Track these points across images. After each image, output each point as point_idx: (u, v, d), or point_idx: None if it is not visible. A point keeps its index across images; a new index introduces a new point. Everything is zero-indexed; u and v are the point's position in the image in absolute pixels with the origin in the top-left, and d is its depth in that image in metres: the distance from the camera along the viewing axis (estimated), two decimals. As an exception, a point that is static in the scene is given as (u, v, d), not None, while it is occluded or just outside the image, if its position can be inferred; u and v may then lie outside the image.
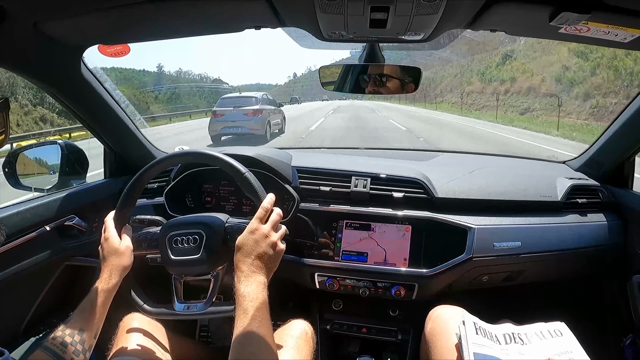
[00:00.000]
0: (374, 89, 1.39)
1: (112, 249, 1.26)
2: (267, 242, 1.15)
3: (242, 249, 1.14)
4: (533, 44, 30.72)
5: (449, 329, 1.31)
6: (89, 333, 1.13)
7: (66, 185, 1.76)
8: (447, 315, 1.38)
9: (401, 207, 1.68)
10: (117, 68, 45.95)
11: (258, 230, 1.16)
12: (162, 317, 1.35)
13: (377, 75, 1.38)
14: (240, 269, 1.12)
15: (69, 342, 1.08)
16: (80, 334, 1.10)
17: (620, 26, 1.06)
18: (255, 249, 1.13)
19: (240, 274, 1.11)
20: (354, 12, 1.02)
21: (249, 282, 1.09)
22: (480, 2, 1.00)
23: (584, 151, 1.99)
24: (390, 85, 1.39)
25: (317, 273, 1.69)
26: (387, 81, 1.38)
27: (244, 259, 1.13)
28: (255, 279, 1.10)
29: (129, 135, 1.86)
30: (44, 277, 1.62)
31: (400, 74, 1.38)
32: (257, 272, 1.12)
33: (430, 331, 1.37)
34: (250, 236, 1.15)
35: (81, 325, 1.12)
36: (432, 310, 1.45)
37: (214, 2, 1.09)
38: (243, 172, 1.27)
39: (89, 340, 1.12)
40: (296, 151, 2.07)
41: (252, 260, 1.12)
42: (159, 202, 1.80)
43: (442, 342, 1.30)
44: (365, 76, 1.38)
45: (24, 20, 1.08)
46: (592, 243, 1.70)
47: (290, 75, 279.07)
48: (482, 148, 12.59)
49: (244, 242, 1.15)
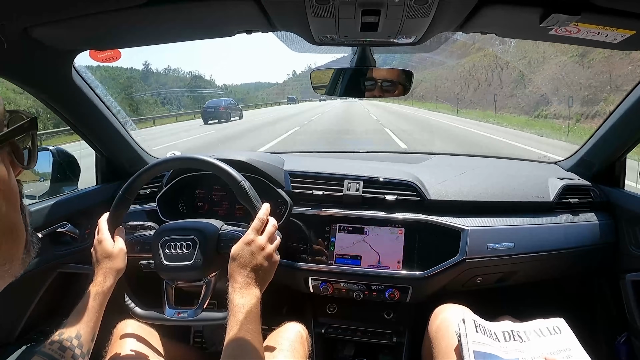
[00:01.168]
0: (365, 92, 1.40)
1: (105, 252, 1.25)
2: (263, 254, 1.15)
3: (238, 260, 1.14)
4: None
5: (451, 328, 1.31)
6: (87, 336, 1.12)
7: (58, 191, 1.75)
8: (450, 314, 1.39)
9: (394, 210, 1.69)
10: (102, 66, 44.76)
11: (254, 242, 1.15)
12: (152, 322, 1.34)
13: (368, 79, 1.38)
14: (236, 279, 1.12)
15: (67, 346, 1.06)
16: (77, 338, 1.09)
17: (610, 27, 1.07)
18: (251, 261, 1.13)
19: (235, 285, 1.11)
20: (345, 15, 1.02)
21: (244, 293, 1.10)
22: (471, 5, 1.00)
23: (575, 151, 2.00)
24: (381, 88, 1.39)
25: (311, 277, 1.69)
26: (378, 84, 1.38)
27: (240, 270, 1.13)
28: (250, 291, 1.11)
29: (120, 141, 1.85)
30: (36, 285, 1.61)
31: (392, 77, 1.39)
32: (252, 284, 1.12)
33: (434, 330, 1.37)
34: (246, 247, 1.15)
35: (78, 329, 1.11)
36: (437, 310, 1.45)
37: (205, 7, 1.08)
38: (239, 181, 1.26)
39: (86, 344, 1.11)
40: (288, 155, 2.07)
41: (247, 272, 1.13)
42: (151, 208, 1.79)
43: (444, 340, 1.30)
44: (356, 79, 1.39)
45: (14, 25, 1.07)
46: (585, 242, 1.71)
47: (289, 73, 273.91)
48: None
49: (240, 253, 1.14)
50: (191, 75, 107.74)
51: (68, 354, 1.06)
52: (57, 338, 1.08)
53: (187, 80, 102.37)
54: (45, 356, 1.04)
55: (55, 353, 1.05)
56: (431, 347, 1.34)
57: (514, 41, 30.49)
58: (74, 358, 1.07)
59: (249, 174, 1.57)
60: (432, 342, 1.35)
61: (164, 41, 1.40)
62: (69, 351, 1.06)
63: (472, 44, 38.99)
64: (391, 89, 1.39)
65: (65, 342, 1.07)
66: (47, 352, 1.04)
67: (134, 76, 72.33)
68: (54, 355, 1.04)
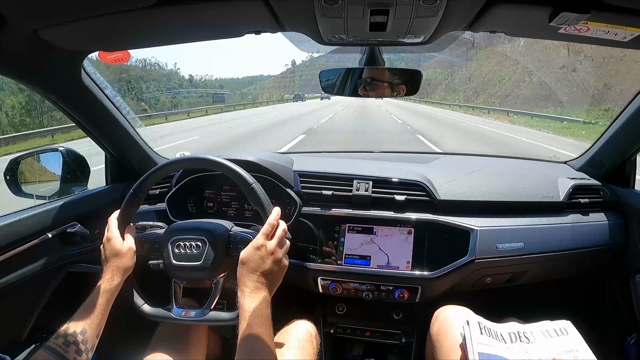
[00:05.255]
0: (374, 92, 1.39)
1: (114, 250, 1.26)
2: (273, 258, 1.16)
3: (247, 265, 1.15)
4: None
5: (454, 329, 1.31)
6: (92, 333, 1.13)
7: (68, 192, 1.76)
8: (452, 315, 1.39)
9: (403, 210, 1.68)
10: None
11: (264, 246, 1.16)
12: (159, 320, 1.36)
13: (377, 79, 1.38)
14: (245, 284, 1.13)
15: (71, 341, 1.08)
16: (82, 334, 1.11)
17: (620, 25, 1.06)
18: (261, 266, 1.14)
19: (245, 289, 1.12)
20: (354, 15, 1.02)
21: (253, 298, 1.11)
22: (480, 4, 1.00)
23: (585, 151, 1.99)
24: (390, 88, 1.39)
25: (320, 277, 1.69)
26: (387, 84, 1.38)
27: (249, 274, 1.14)
28: (260, 295, 1.12)
29: (130, 142, 1.86)
30: (46, 284, 1.62)
31: (401, 77, 1.38)
32: (262, 289, 1.13)
33: (436, 331, 1.37)
34: (256, 252, 1.15)
35: (83, 325, 1.13)
36: (437, 311, 1.45)
37: (214, 8, 1.08)
38: (251, 183, 1.27)
39: (91, 340, 1.13)
40: (297, 155, 2.07)
41: (257, 277, 1.14)
42: (160, 208, 1.80)
43: (447, 342, 1.30)
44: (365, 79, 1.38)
45: (24, 27, 1.07)
46: (595, 242, 1.70)
47: (287, 64, 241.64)
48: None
49: (250, 257, 1.15)
50: (190, 77, 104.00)
51: (72, 349, 1.08)
52: (63, 333, 1.09)
53: (183, 80, 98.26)
54: (50, 351, 1.05)
55: (59, 347, 1.06)
56: (434, 349, 1.34)
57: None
58: (77, 353, 1.08)
59: (258, 174, 1.57)
60: (434, 344, 1.36)
61: (172, 42, 1.41)
62: (73, 346, 1.08)
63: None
64: (400, 89, 1.39)
65: (70, 337, 1.09)
66: (51, 347, 1.06)
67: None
68: (58, 349, 1.06)
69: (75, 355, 1.08)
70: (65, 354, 1.06)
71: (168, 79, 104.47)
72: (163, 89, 70.60)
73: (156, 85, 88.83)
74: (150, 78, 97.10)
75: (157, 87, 74.16)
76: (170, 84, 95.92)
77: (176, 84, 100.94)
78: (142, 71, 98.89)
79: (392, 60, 1.66)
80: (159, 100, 54.14)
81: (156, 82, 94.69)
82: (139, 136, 1.90)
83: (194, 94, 70.87)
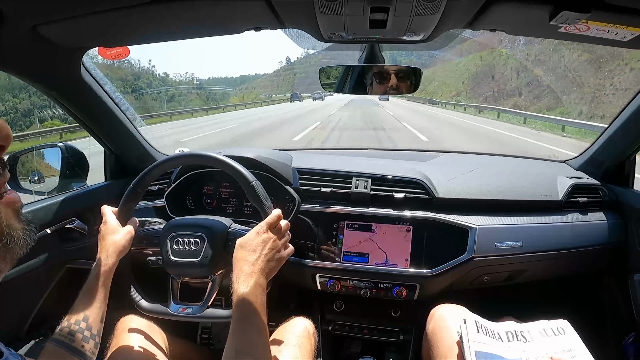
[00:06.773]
0: (373, 89, 1.39)
1: (109, 229, 1.25)
2: (272, 245, 1.14)
3: (245, 248, 1.12)
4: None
5: (450, 328, 1.31)
6: (95, 317, 1.12)
7: (67, 188, 1.76)
8: (448, 314, 1.39)
9: (402, 208, 1.68)
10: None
11: (266, 233, 1.15)
12: (156, 316, 1.35)
13: (377, 76, 1.38)
14: (242, 268, 1.09)
15: (76, 330, 1.07)
16: (85, 320, 1.10)
17: (620, 25, 1.06)
18: (260, 251, 1.12)
19: (240, 273, 1.09)
20: (354, 12, 1.01)
21: (249, 283, 1.07)
22: (480, 2, 1.00)
23: (585, 150, 1.99)
24: (390, 86, 1.39)
25: (319, 274, 1.69)
26: (387, 82, 1.38)
27: (247, 257, 1.11)
28: (255, 280, 1.08)
29: (129, 138, 1.87)
30: (45, 280, 1.62)
31: (401, 74, 1.38)
32: (258, 273, 1.09)
33: (431, 330, 1.37)
34: (257, 237, 1.14)
35: (85, 312, 1.11)
36: (433, 309, 1.45)
37: (214, 5, 1.08)
38: (250, 181, 1.27)
39: (95, 325, 1.11)
40: (296, 152, 2.07)
41: (254, 260, 1.10)
42: (159, 204, 1.80)
43: (443, 341, 1.30)
44: (365, 77, 1.38)
45: (23, 23, 1.07)
46: (593, 242, 1.70)
47: (282, 61, 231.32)
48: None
49: (250, 241, 1.13)
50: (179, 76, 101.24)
51: (78, 337, 1.06)
52: (66, 324, 1.08)
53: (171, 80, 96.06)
54: (57, 343, 1.04)
55: (65, 338, 1.05)
56: (430, 347, 1.34)
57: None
58: (84, 340, 1.07)
59: (257, 171, 1.57)
60: (430, 342, 1.35)
61: (172, 38, 1.40)
62: (78, 334, 1.07)
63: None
64: (400, 86, 1.39)
65: (74, 327, 1.07)
66: (58, 339, 1.05)
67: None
68: (65, 340, 1.05)
69: (83, 342, 1.06)
70: (72, 344, 1.05)
71: (159, 82, 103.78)
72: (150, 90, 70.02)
73: (149, 85, 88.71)
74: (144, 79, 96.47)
75: (150, 87, 73.81)
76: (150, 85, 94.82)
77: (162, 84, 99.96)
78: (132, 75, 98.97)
79: (398, 58, 1.66)
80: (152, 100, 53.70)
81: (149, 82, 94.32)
82: (139, 132, 1.90)
83: (193, 90, 70.23)
